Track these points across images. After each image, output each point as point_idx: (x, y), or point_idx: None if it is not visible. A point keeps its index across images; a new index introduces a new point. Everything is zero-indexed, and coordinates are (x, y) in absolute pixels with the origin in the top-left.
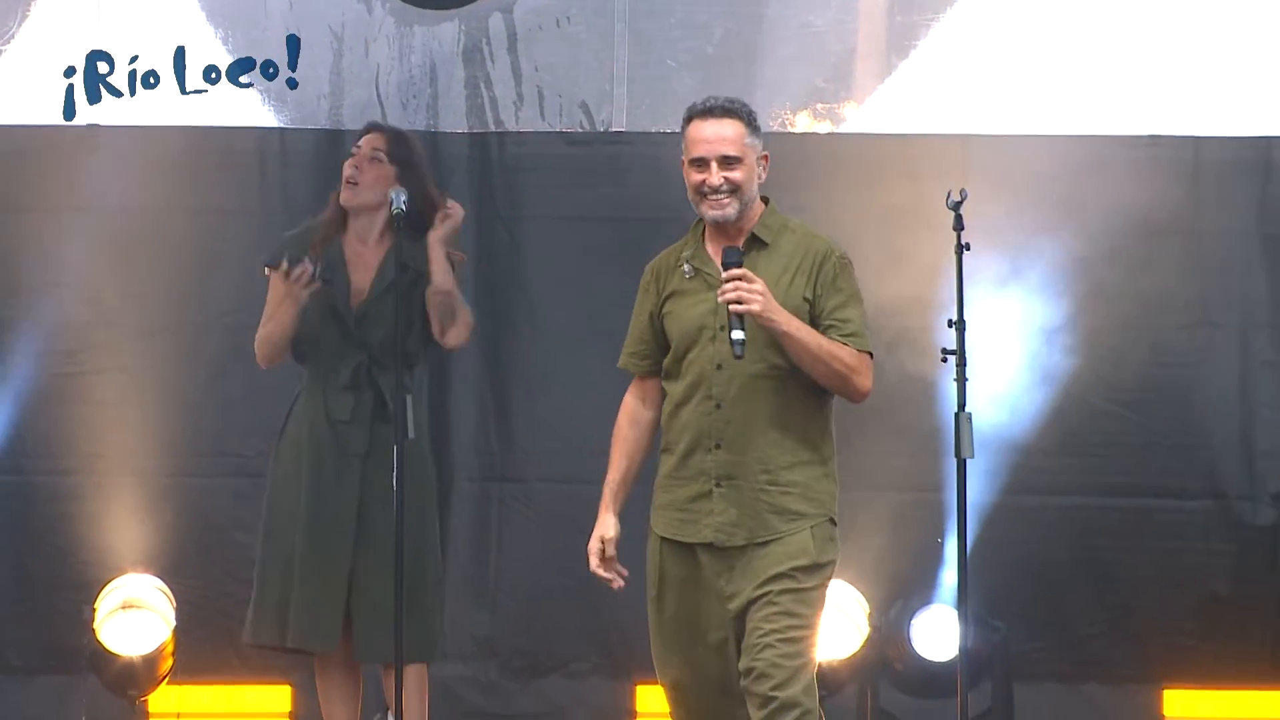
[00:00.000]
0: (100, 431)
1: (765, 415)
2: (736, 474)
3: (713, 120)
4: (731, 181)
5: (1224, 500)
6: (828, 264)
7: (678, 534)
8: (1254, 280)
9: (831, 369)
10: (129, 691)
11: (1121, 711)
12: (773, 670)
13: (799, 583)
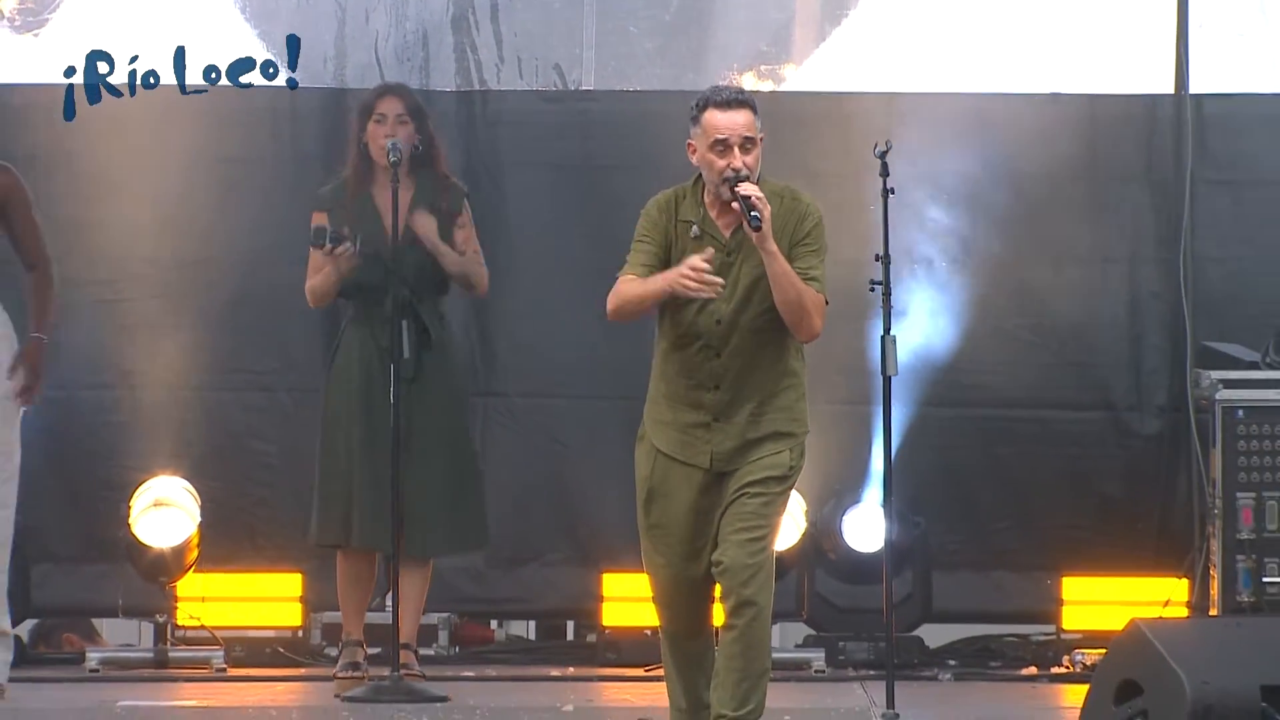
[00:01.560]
0: (134, 351)
1: (757, 359)
2: (732, 410)
3: (732, 112)
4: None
5: (1115, 412)
6: (805, 222)
7: (677, 454)
8: (1142, 221)
9: (796, 299)
10: (159, 578)
11: (1025, 596)
12: (737, 568)
13: (769, 490)
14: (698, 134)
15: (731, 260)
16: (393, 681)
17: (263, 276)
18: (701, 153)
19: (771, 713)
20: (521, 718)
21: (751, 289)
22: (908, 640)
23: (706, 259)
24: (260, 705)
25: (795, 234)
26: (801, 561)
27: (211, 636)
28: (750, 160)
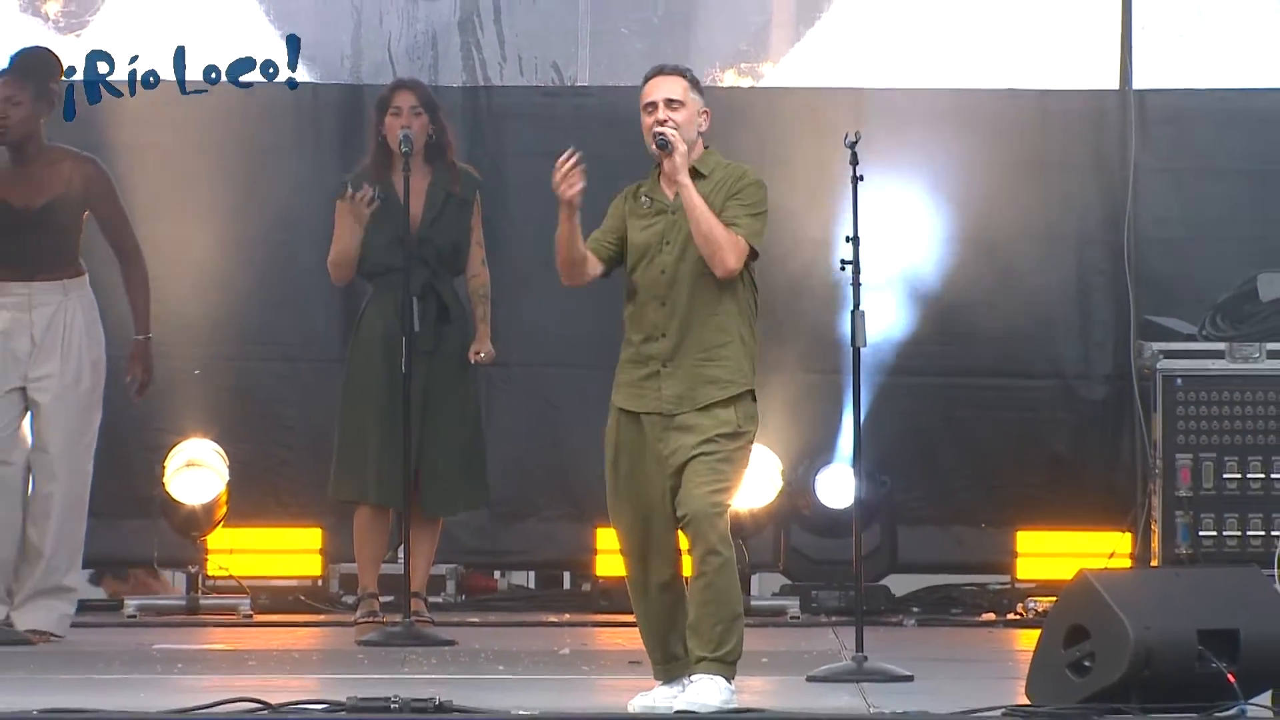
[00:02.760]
0: (170, 323)
1: (700, 309)
2: (678, 355)
3: (661, 77)
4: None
5: (1065, 380)
6: (741, 181)
7: (631, 405)
8: (1090, 205)
9: (707, 233)
10: (191, 533)
11: (983, 548)
12: (702, 518)
13: (722, 447)
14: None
15: (674, 218)
16: (405, 627)
17: (287, 257)
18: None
19: (750, 655)
20: (522, 660)
21: (691, 242)
22: (875, 589)
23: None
24: (284, 648)
25: (730, 189)
26: (778, 517)
27: (239, 586)
28: (679, 118)
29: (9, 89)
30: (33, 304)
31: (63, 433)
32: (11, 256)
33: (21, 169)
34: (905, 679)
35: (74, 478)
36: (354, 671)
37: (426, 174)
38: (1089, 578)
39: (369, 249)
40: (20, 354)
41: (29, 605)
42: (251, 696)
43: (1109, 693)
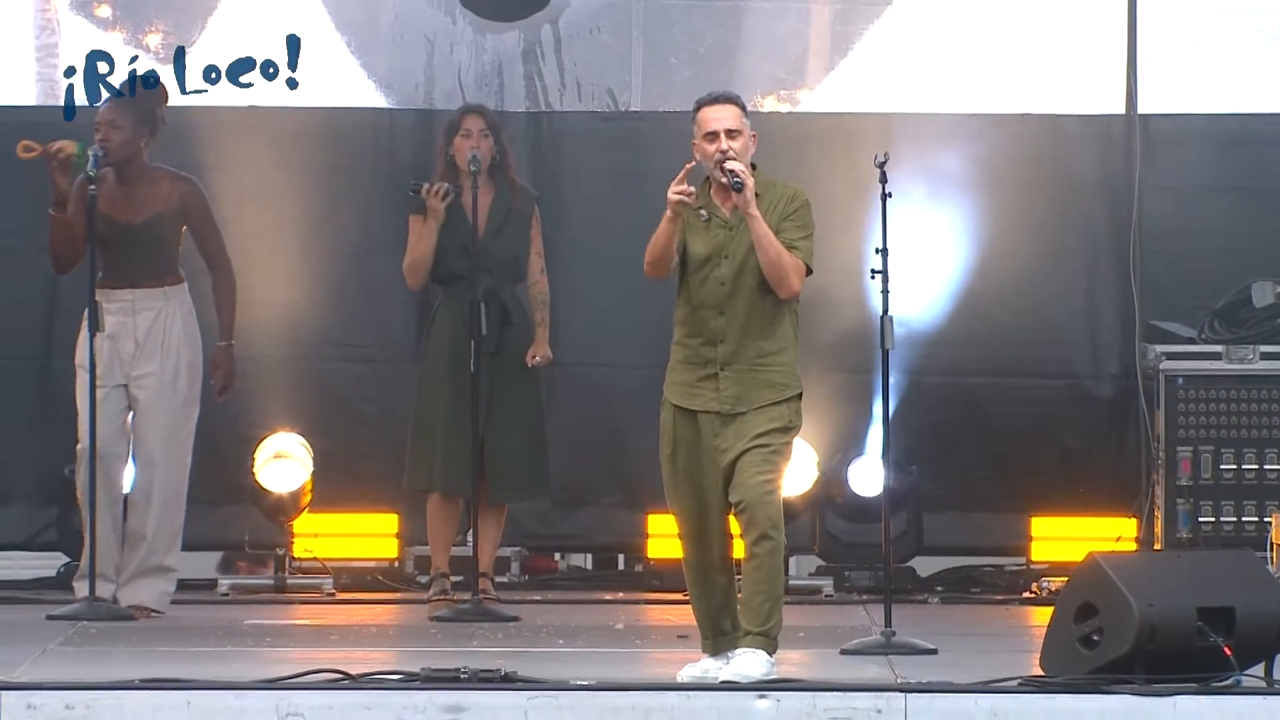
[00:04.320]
0: (259, 327)
1: (756, 318)
2: (736, 361)
3: (718, 106)
4: (735, 148)
5: (1075, 380)
6: (792, 203)
7: (688, 403)
8: (1098, 220)
9: (775, 260)
10: (279, 518)
11: (1001, 533)
12: (756, 506)
13: (774, 440)
14: (695, 130)
15: (733, 233)
16: (473, 604)
17: (365, 267)
18: (699, 144)
19: (788, 630)
20: (580, 634)
21: (748, 256)
22: (902, 570)
23: (683, 187)
24: (363, 624)
25: (784, 211)
26: (814, 504)
27: (322, 567)
28: (738, 146)
29: (113, 114)
30: (136, 309)
31: (161, 427)
32: (117, 267)
33: (125, 188)
34: (930, 652)
35: (172, 468)
36: (427, 645)
37: (490, 190)
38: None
39: (440, 258)
40: (125, 354)
41: (132, 584)
42: (333, 668)
43: (1116, 665)
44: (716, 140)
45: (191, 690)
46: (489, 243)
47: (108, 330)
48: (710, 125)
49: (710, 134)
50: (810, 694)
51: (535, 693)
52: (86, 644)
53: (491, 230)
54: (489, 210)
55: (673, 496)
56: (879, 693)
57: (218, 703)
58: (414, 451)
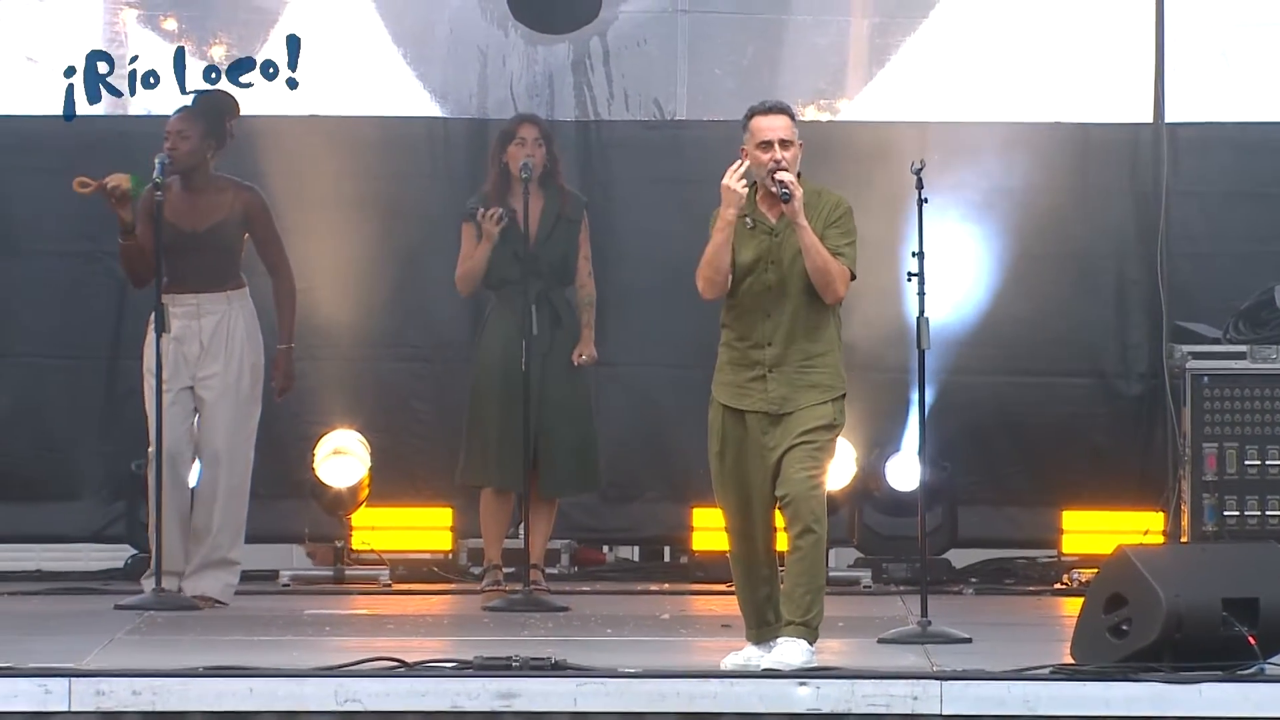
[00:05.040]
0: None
1: (802, 322)
2: (783, 363)
3: (773, 115)
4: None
5: (1105, 379)
6: (836, 210)
7: (737, 404)
8: (1126, 224)
9: (822, 267)
10: (338, 512)
11: (1033, 526)
12: (801, 500)
13: (819, 437)
14: (747, 138)
15: (778, 240)
16: (525, 595)
17: (421, 271)
18: (750, 151)
19: (827, 620)
20: (628, 623)
21: (794, 261)
22: (938, 562)
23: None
24: (419, 613)
25: (828, 218)
26: (853, 498)
27: (379, 558)
28: (789, 155)
29: (181, 124)
30: (200, 313)
31: (225, 426)
32: (182, 272)
33: (190, 196)
34: (964, 641)
35: (235, 465)
36: (480, 634)
37: (541, 198)
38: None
39: (492, 263)
40: (190, 356)
41: (197, 576)
42: (390, 656)
43: (1144, 653)
44: (770, 149)
45: (253, 677)
46: (540, 248)
47: (173, 333)
48: (764, 134)
49: (764, 143)
50: (849, 681)
51: (584, 680)
52: (153, 633)
53: (542, 236)
54: (540, 217)
55: (720, 492)
56: (915, 680)
57: (279, 689)
58: (468, 448)
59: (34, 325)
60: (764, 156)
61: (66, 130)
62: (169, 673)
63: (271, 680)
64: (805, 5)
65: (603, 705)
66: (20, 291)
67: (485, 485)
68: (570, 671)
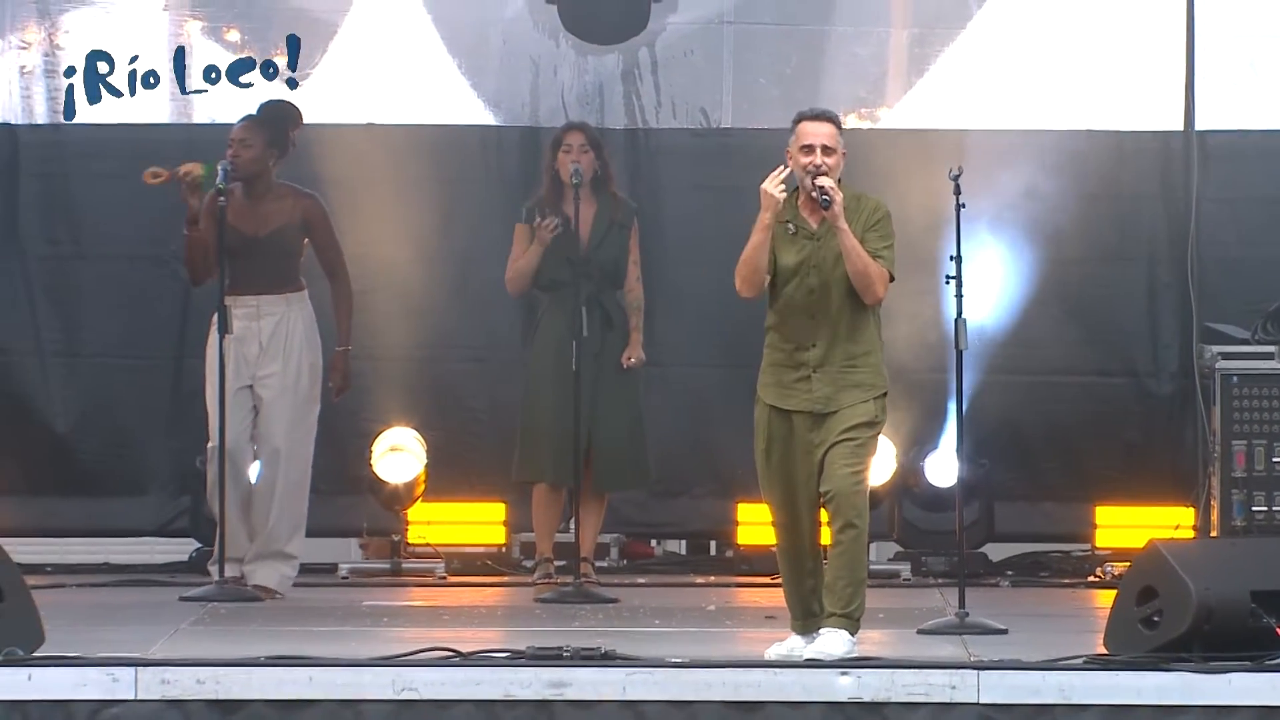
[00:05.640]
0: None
1: (843, 323)
2: (827, 364)
3: (819, 122)
4: (829, 163)
5: (1137, 378)
6: (875, 214)
7: (783, 404)
8: (1157, 228)
9: (863, 270)
10: (394, 507)
11: (1067, 521)
12: (843, 496)
13: (861, 434)
14: (792, 141)
15: (819, 245)
16: (575, 587)
17: (475, 273)
18: (794, 154)
19: (868, 611)
20: (675, 614)
21: (835, 265)
22: (975, 555)
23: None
24: (473, 605)
25: (867, 222)
26: (893, 494)
27: (435, 552)
28: (830, 161)
29: (245, 133)
30: (260, 314)
31: (284, 423)
32: (243, 275)
33: (252, 202)
34: (1001, 632)
35: (294, 461)
36: (532, 625)
37: (592, 203)
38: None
39: (545, 266)
40: (250, 356)
41: (256, 567)
42: (445, 646)
43: (1175, 644)
44: (812, 154)
45: (313, 666)
46: (592, 252)
47: (235, 333)
48: (808, 139)
49: (807, 147)
50: (889, 671)
51: (633, 669)
52: (216, 624)
53: (594, 240)
54: (592, 222)
55: (767, 488)
56: (953, 670)
57: (337, 678)
58: (522, 445)
59: (103, 327)
60: (805, 160)
61: (134, 137)
62: (232, 662)
63: (330, 669)
64: (847, 16)
65: (651, 694)
66: (89, 294)
67: (538, 481)
68: (619, 661)
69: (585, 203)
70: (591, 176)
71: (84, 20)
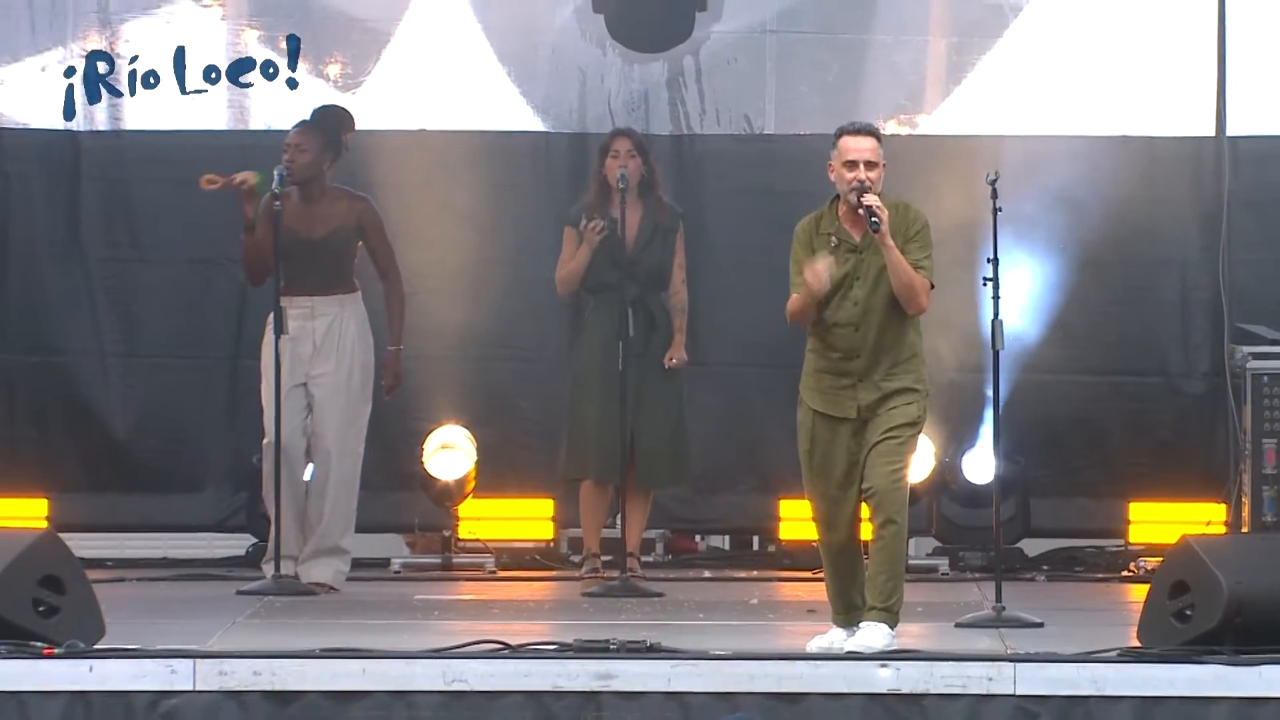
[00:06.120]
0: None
1: (886, 332)
2: (870, 372)
3: (861, 137)
4: (872, 179)
5: (1169, 377)
6: (914, 225)
7: (828, 410)
8: (1190, 232)
9: (908, 282)
10: (445, 503)
11: (1101, 517)
12: (884, 493)
13: (902, 433)
14: (835, 155)
15: (863, 256)
16: (621, 581)
17: (524, 275)
18: (837, 169)
19: (907, 605)
20: (719, 608)
21: (879, 277)
22: (1011, 551)
23: (824, 265)
24: (522, 599)
25: (907, 233)
26: (932, 490)
27: (484, 547)
28: (873, 175)
29: (301, 138)
30: (315, 314)
31: (336, 421)
32: (298, 276)
33: (308, 205)
34: (1037, 625)
35: (346, 458)
36: (579, 618)
37: (638, 207)
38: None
39: (592, 268)
40: (304, 356)
41: (310, 563)
42: (495, 639)
43: (1207, 637)
44: (855, 169)
45: (366, 659)
46: (637, 255)
47: (289, 334)
48: (850, 155)
49: (850, 162)
50: (927, 663)
51: (678, 662)
52: (272, 617)
53: (640, 244)
54: (638, 225)
55: (810, 487)
56: (990, 662)
57: (390, 670)
58: (569, 443)
59: (162, 328)
60: (849, 175)
61: (191, 143)
62: (287, 654)
63: (383, 661)
64: (886, 25)
65: (695, 685)
66: (149, 297)
67: (585, 478)
68: (665, 653)
69: (631, 207)
70: (638, 181)
71: (145, 29)
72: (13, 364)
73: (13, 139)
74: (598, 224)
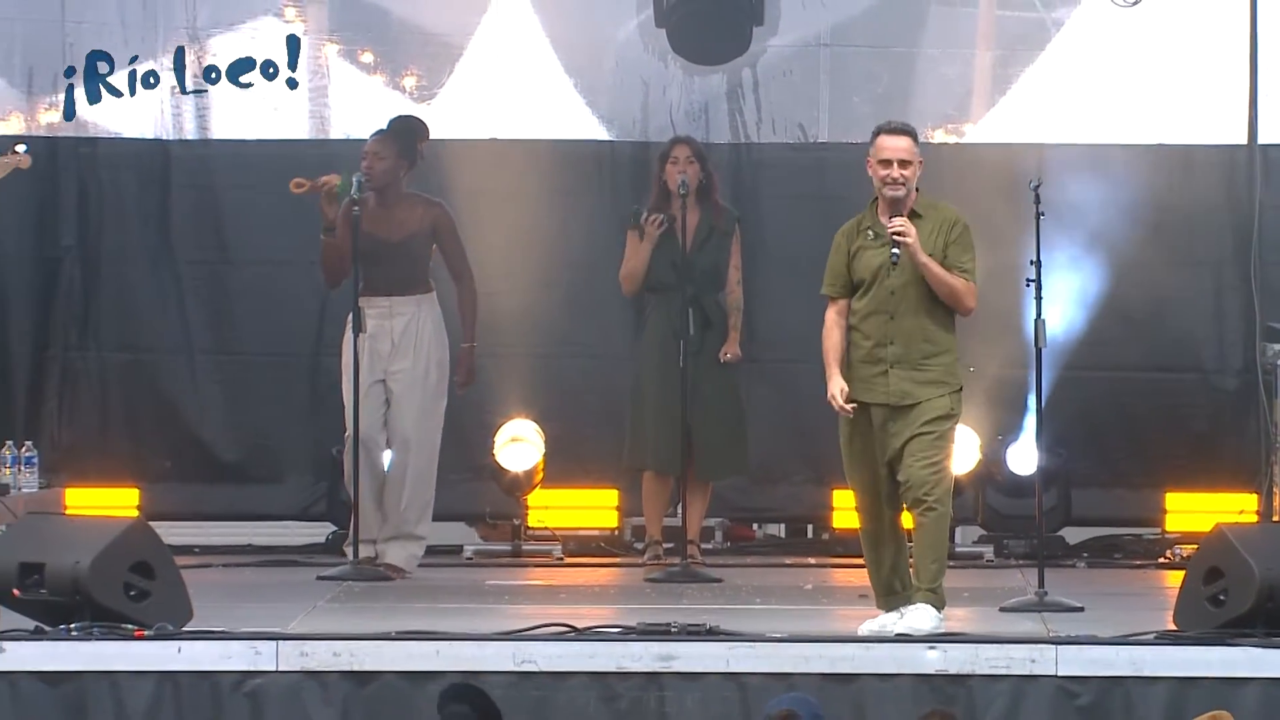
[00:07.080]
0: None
1: (920, 323)
2: (903, 359)
3: (895, 136)
4: (904, 175)
5: (1204, 373)
6: (955, 228)
7: (864, 396)
8: (1223, 235)
9: (949, 289)
10: (515, 493)
11: (1138, 506)
12: (918, 482)
13: (937, 427)
14: (872, 152)
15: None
16: (682, 568)
17: (590, 277)
18: (873, 165)
19: (953, 591)
20: (774, 593)
21: (914, 268)
22: (1053, 538)
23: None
24: (587, 584)
25: (949, 236)
26: (977, 481)
27: (552, 535)
28: (907, 173)
29: (378, 146)
30: (392, 314)
31: (413, 415)
32: (376, 278)
33: (385, 210)
34: (1078, 610)
35: (423, 450)
36: (642, 602)
37: (697, 211)
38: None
39: (651, 269)
40: (382, 353)
41: (386, 548)
42: (562, 622)
43: (1239, 621)
44: (890, 167)
45: (440, 641)
46: (695, 257)
47: (368, 332)
48: (885, 153)
49: (885, 160)
50: (973, 646)
51: (735, 644)
52: (351, 601)
53: (697, 246)
54: (696, 228)
55: (850, 474)
56: (1033, 645)
57: (462, 651)
58: (631, 435)
59: (247, 328)
60: (883, 172)
61: (274, 152)
62: (365, 636)
63: (456, 643)
64: (935, 39)
65: (753, 666)
66: (235, 298)
67: (647, 469)
68: (723, 636)
69: (689, 211)
70: (696, 186)
71: (230, 43)
72: (106, 362)
73: (107, 148)
74: (656, 218)
